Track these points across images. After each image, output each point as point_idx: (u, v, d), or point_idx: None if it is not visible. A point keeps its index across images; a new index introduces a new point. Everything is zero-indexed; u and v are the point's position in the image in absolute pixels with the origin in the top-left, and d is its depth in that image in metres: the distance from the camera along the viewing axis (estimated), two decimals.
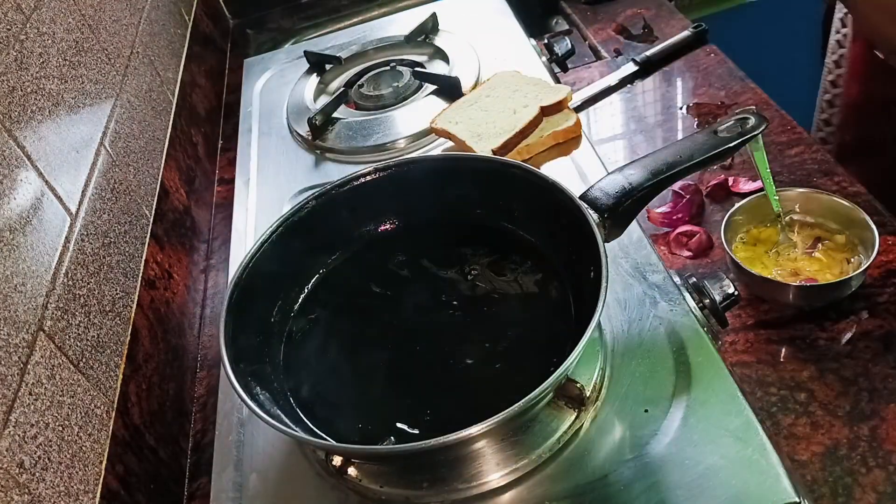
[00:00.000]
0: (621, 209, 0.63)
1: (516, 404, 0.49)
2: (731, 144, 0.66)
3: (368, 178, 0.74)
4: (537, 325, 0.66)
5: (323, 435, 0.60)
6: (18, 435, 0.50)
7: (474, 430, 0.49)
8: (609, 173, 0.66)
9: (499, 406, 0.50)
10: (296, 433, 0.56)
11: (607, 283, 0.55)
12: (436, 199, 0.75)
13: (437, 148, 0.96)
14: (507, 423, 0.50)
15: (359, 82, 1.11)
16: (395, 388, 0.65)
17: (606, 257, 0.57)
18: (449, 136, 0.92)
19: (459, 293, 0.71)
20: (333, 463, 0.61)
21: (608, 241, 0.63)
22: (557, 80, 1.03)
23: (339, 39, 1.25)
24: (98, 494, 0.57)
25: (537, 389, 0.50)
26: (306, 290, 0.73)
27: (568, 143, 0.90)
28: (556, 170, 0.87)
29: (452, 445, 0.51)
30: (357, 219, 0.76)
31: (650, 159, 0.66)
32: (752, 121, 0.67)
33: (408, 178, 0.74)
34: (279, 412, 0.59)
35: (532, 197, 0.68)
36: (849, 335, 0.68)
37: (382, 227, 0.77)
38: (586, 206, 0.62)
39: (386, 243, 0.76)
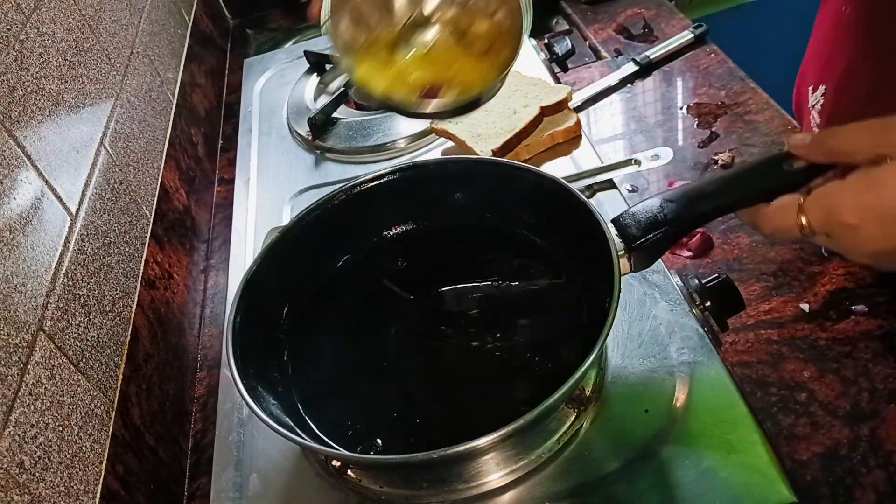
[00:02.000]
0: (649, 243, 0.58)
1: (522, 419, 0.49)
2: (799, 179, 0.52)
3: (385, 179, 0.73)
4: (548, 332, 0.66)
5: (330, 442, 0.60)
6: (18, 435, 0.50)
7: (482, 441, 0.49)
8: (649, 197, 0.60)
9: (508, 415, 0.49)
10: (305, 442, 0.56)
11: (616, 309, 0.53)
12: (448, 202, 0.74)
13: (437, 148, 0.96)
14: (513, 434, 0.50)
15: None
16: (404, 393, 0.65)
17: (619, 291, 0.54)
18: (449, 136, 0.92)
19: (469, 298, 0.70)
20: (333, 463, 0.62)
21: (635, 271, 0.59)
22: (557, 80, 1.04)
23: None
24: (98, 494, 0.57)
25: (539, 408, 0.50)
26: (314, 294, 0.73)
27: (568, 142, 0.90)
28: (556, 170, 0.87)
29: (462, 455, 0.51)
30: (368, 222, 0.76)
31: (695, 190, 0.58)
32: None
33: (425, 181, 0.74)
34: (285, 417, 0.59)
35: (558, 211, 0.66)
36: (849, 335, 0.68)
37: (393, 231, 0.77)
38: (616, 232, 0.58)
39: (396, 247, 0.76)
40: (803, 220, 0.47)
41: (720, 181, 0.57)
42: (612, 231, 0.59)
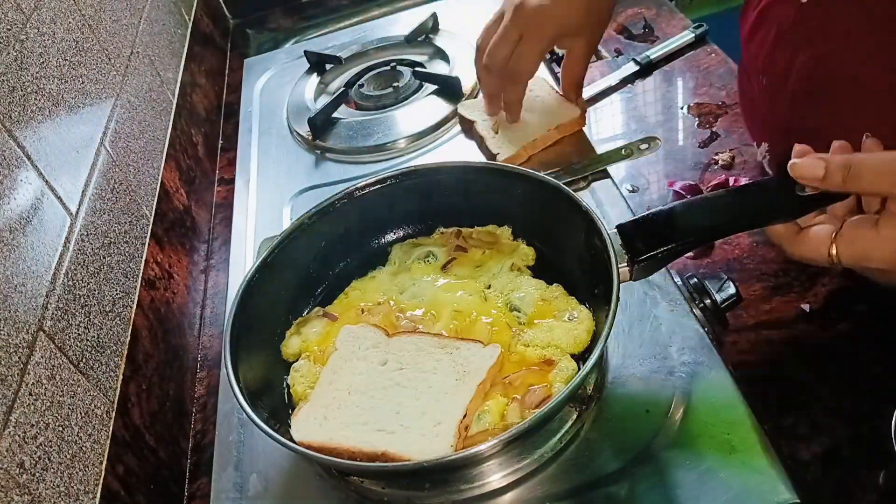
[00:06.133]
0: (653, 257, 0.57)
1: (523, 423, 0.50)
2: (811, 205, 0.52)
3: (387, 183, 0.74)
4: None
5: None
6: (19, 435, 0.50)
7: (483, 447, 0.50)
8: (657, 208, 0.59)
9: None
10: (302, 450, 0.56)
11: (614, 317, 0.54)
12: (447, 208, 0.75)
13: (437, 148, 0.96)
14: (515, 439, 0.51)
15: (359, 82, 1.11)
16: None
17: (618, 301, 0.54)
18: (469, 125, 0.93)
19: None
20: None
21: (636, 280, 0.59)
22: (558, 81, 1.03)
23: (339, 39, 1.25)
24: (98, 495, 0.57)
25: (540, 412, 0.51)
26: (312, 301, 0.73)
27: (569, 140, 0.91)
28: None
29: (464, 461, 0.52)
30: (365, 227, 0.76)
31: (704, 206, 0.56)
32: None
33: (423, 186, 0.74)
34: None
35: (559, 217, 0.67)
36: (849, 335, 0.68)
37: (390, 237, 0.78)
38: (619, 242, 0.58)
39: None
40: (833, 253, 0.49)
41: (730, 199, 0.55)
42: (616, 241, 0.58)
